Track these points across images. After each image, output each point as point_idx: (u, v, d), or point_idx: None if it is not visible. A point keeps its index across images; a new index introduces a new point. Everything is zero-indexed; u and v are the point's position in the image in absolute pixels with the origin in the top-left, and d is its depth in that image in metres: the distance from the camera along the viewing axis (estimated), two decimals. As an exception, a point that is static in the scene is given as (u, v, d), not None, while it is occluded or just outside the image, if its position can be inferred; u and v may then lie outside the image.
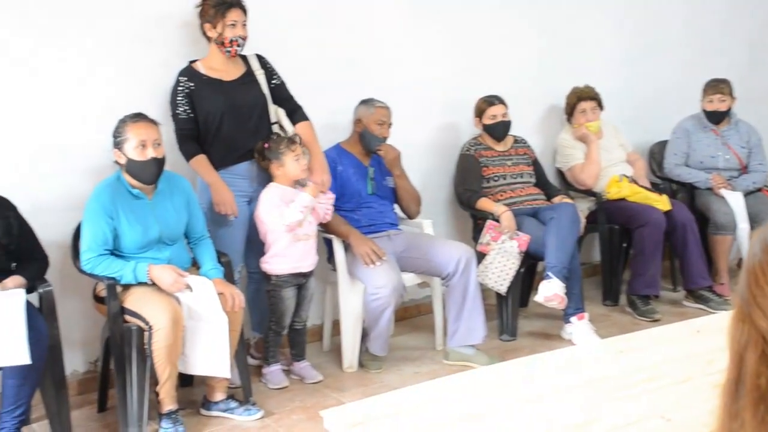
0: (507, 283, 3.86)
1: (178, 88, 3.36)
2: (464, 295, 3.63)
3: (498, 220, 3.93)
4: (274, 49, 3.64)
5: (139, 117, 3.02)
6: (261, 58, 3.55)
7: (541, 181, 4.36)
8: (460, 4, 4.42)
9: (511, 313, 4.01)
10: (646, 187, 4.50)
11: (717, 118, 4.71)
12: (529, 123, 4.69)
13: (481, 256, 3.86)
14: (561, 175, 4.71)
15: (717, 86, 4.66)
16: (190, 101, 3.35)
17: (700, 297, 4.36)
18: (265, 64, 3.54)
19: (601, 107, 4.59)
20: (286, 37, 3.81)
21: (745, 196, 4.51)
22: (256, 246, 3.49)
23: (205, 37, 3.42)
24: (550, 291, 3.72)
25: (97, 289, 3.08)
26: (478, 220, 4.11)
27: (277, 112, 3.56)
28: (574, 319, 3.87)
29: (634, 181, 4.50)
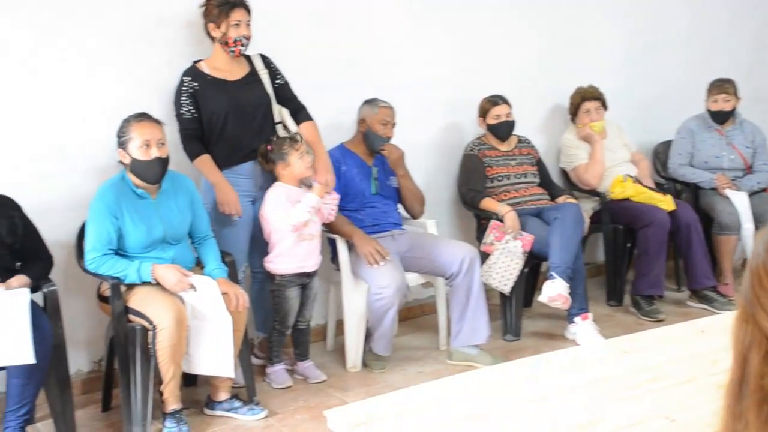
0: (511, 283, 3.86)
1: (182, 88, 3.36)
2: (468, 295, 3.63)
3: (502, 220, 3.93)
4: (278, 48, 3.64)
5: (143, 117, 3.03)
6: (265, 58, 3.55)
7: (545, 181, 4.35)
8: (463, 4, 4.41)
9: (515, 313, 4.00)
10: (651, 187, 4.49)
11: (721, 118, 4.69)
12: (533, 123, 4.69)
13: (484, 256, 3.86)
14: (565, 175, 4.70)
15: (722, 86, 4.64)
16: (194, 101, 3.36)
17: (705, 297, 4.35)
18: (268, 64, 3.54)
19: (605, 107, 4.58)
20: (290, 37, 3.81)
21: (750, 196, 4.49)
22: (260, 246, 3.49)
23: (209, 37, 3.42)
24: (554, 291, 3.72)
25: (102, 288, 3.09)
26: (482, 220, 4.11)
27: (281, 112, 3.57)
28: (577, 320, 3.86)
29: (639, 181, 4.50)
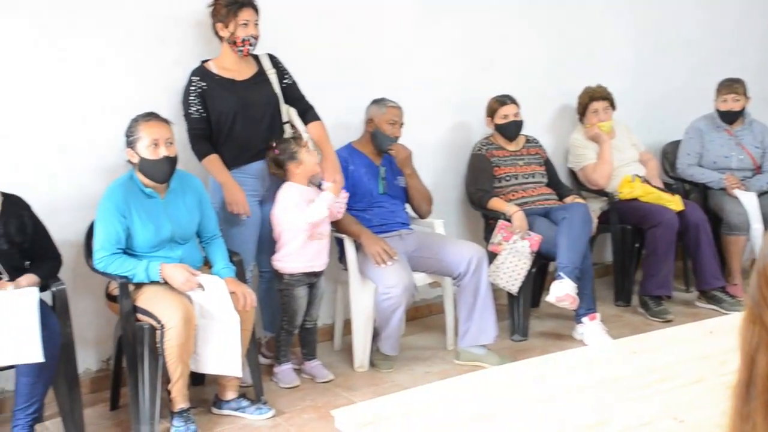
0: (518, 283, 3.85)
1: (191, 88, 3.37)
2: (475, 295, 3.63)
3: (509, 220, 3.92)
4: (286, 48, 3.64)
5: (151, 116, 3.03)
6: (273, 58, 3.55)
7: (553, 181, 4.34)
8: (471, 4, 4.41)
9: (523, 313, 4.00)
10: (659, 187, 4.47)
11: (731, 117, 4.68)
12: (541, 123, 4.68)
13: (492, 256, 3.85)
14: (573, 175, 4.69)
15: (731, 86, 4.63)
16: (203, 101, 3.36)
17: (713, 298, 4.34)
18: (276, 64, 3.55)
19: (613, 107, 4.57)
20: (298, 37, 3.82)
21: (759, 196, 4.48)
22: (267, 245, 3.50)
23: (218, 37, 3.43)
24: (562, 291, 3.71)
25: (110, 287, 3.10)
26: (490, 220, 4.10)
27: (288, 112, 3.57)
28: (585, 320, 3.85)
29: (647, 181, 4.48)
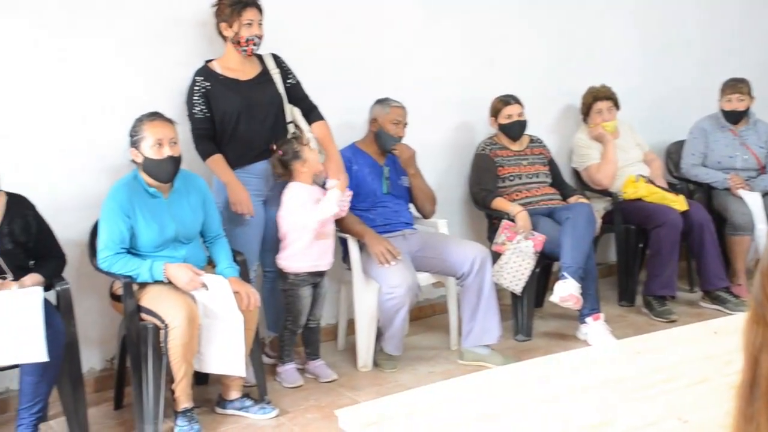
0: (522, 283, 3.85)
1: (195, 88, 3.37)
2: (479, 295, 3.62)
3: (513, 220, 3.92)
4: (290, 48, 3.64)
5: (155, 116, 3.04)
6: (276, 58, 3.55)
7: (557, 181, 4.34)
8: (475, 3, 4.41)
9: (526, 313, 3.99)
10: (663, 188, 4.47)
11: (735, 117, 4.67)
12: (545, 123, 4.68)
13: (496, 256, 3.85)
14: (577, 175, 4.69)
15: (735, 85, 4.62)
16: (207, 101, 3.36)
17: (717, 298, 4.33)
18: (280, 64, 3.55)
19: (617, 107, 4.57)
20: (302, 37, 3.82)
21: (764, 196, 4.47)
22: (271, 245, 3.50)
23: (221, 37, 3.43)
24: (566, 291, 3.71)
25: (114, 287, 3.10)
26: (494, 220, 4.10)
27: (292, 112, 3.57)
28: (589, 320, 3.85)
29: (651, 181, 4.47)
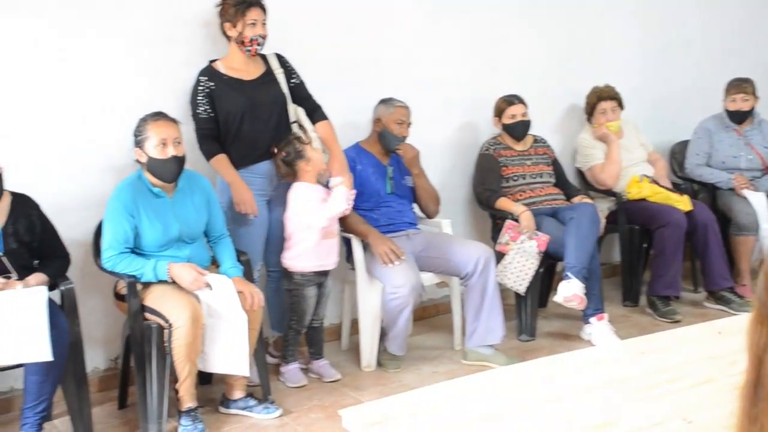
0: (526, 283, 3.84)
1: (199, 88, 3.37)
2: (483, 295, 3.62)
3: (517, 220, 3.92)
4: (294, 48, 3.64)
5: (159, 116, 3.04)
6: (280, 57, 3.55)
7: (561, 181, 4.34)
8: (479, 4, 4.40)
9: (530, 314, 3.99)
10: (667, 188, 4.46)
11: (740, 117, 4.66)
12: (549, 122, 4.67)
13: (500, 256, 3.84)
14: (581, 175, 4.68)
15: (740, 85, 4.61)
16: (211, 101, 3.37)
17: (722, 298, 4.32)
18: (284, 63, 3.55)
19: (621, 107, 4.56)
20: (305, 36, 3.82)
21: (768, 196, 4.47)
22: (275, 245, 3.50)
23: (225, 37, 3.43)
24: (570, 291, 3.70)
25: (118, 286, 3.10)
26: (497, 220, 4.10)
27: (296, 111, 3.57)
28: (593, 320, 3.84)
29: (655, 181, 4.47)
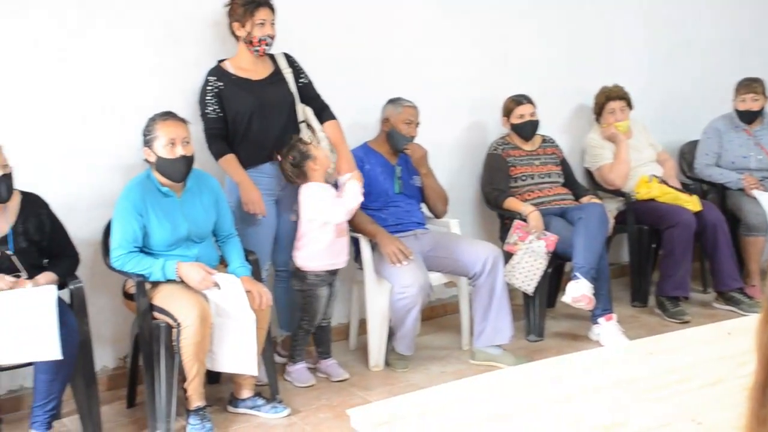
0: (534, 284, 3.84)
1: (207, 88, 3.38)
2: (491, 295, 3.62)
3: (525, 220, 3.91)
4: (302, 47, 3.64)
5: (168, 115, 3.05)
6: (288, 57, 3.56)
7: (569, 181, 4.33)
8: (487, 3, 4.40)
9: (539, 314, 3.98)
10: (676, 188, 4.44)
11: (749, 117, 4.64)
12: (558, 122, 4.66)
13: (508, 256, 3.84)
14: (589, 175, 4.67)
15: (750, 85, 4.59)
16: (219, 101, 3.37)
17: (731, 299, 4.31)
18: (292, 63, 3.55)
19: (630, 106, 4.55)
20: (314, 36, 3.82)
21: (778, 197, 4.44)
22: (283, 245, 3.51)
23: (234, 37, 3.44)
24: (578, 291, 3.70)
25: (127, 285, 3.12)
26: (506, 220, 4.09)
27: (304, 111, 3.57)
28: (601, 320, 3.83)
29: (664, 182, 4.45)
